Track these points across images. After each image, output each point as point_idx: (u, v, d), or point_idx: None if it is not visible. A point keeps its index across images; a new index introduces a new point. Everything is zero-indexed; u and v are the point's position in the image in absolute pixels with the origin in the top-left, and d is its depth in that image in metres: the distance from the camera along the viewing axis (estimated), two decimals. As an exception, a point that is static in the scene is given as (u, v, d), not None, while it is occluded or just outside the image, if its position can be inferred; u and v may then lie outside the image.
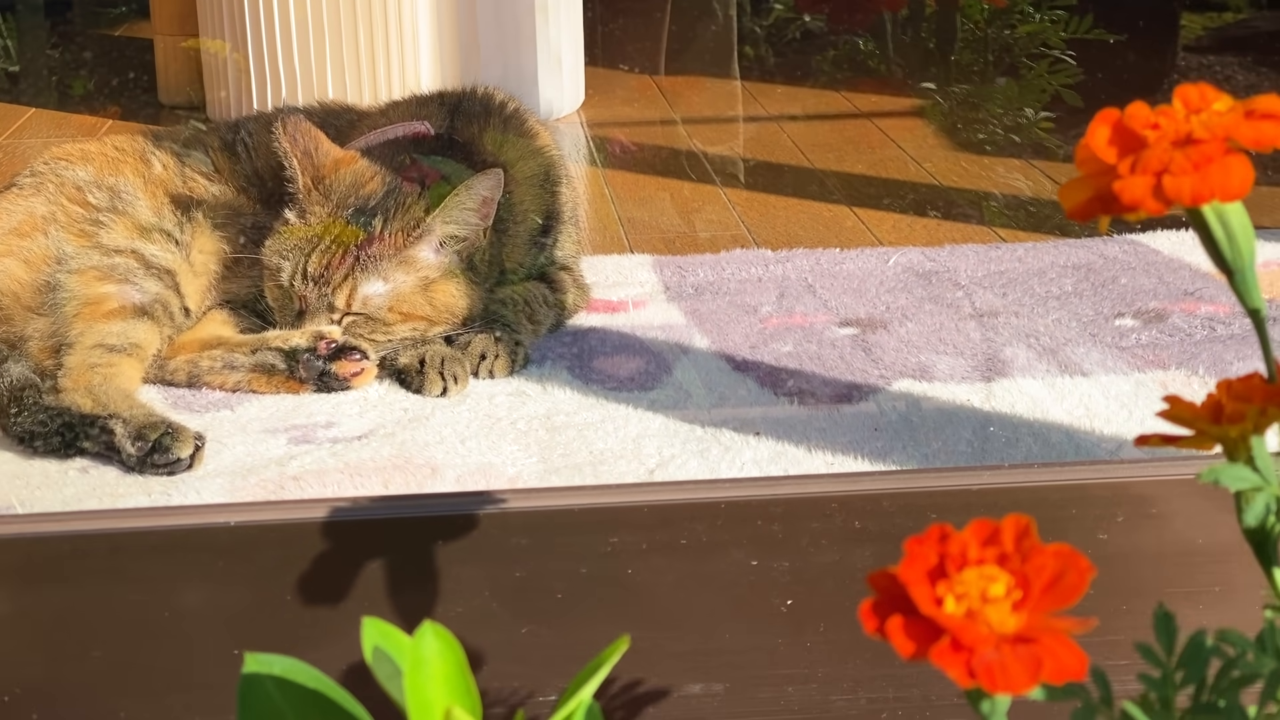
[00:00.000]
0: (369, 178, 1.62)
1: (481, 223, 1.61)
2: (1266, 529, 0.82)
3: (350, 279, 1.58)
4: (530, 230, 1.72)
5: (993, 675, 0.67)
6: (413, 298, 1.59)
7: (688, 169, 2.39)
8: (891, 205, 2.18)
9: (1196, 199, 0.79)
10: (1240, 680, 0.74)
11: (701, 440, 1.46)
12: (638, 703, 1.15)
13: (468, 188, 1.58)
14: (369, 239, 1.58)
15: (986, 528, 0.71)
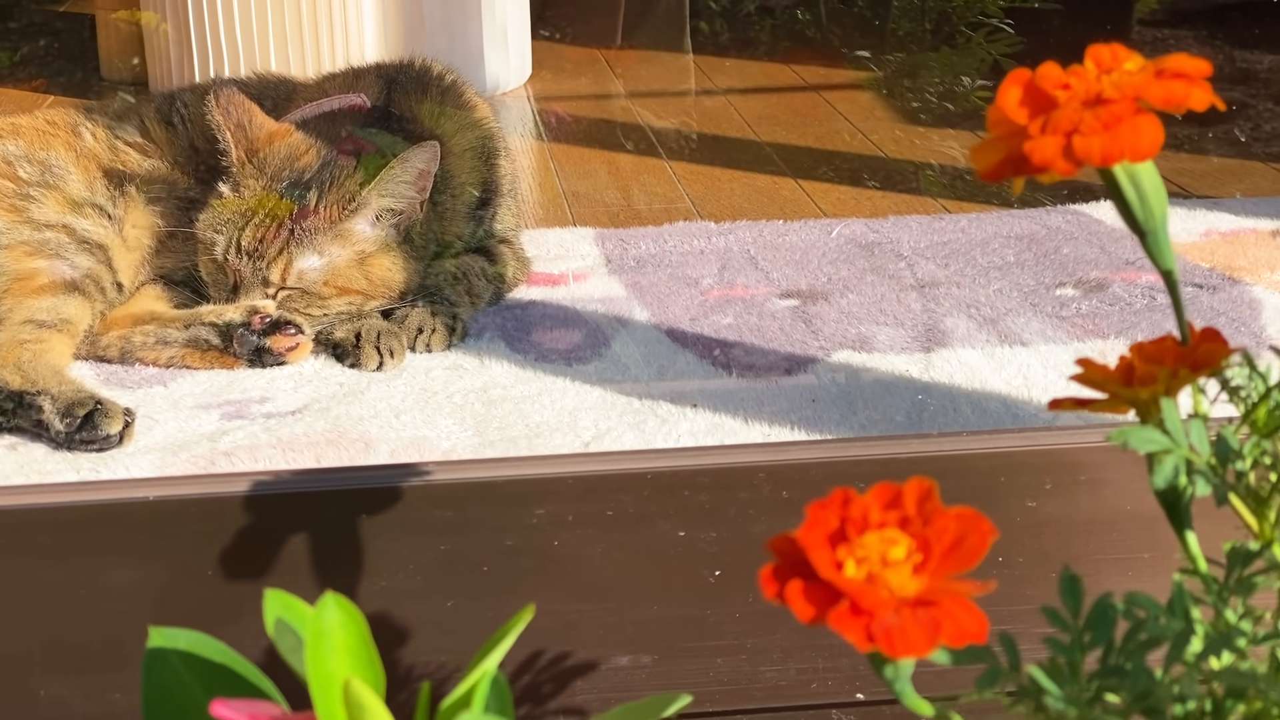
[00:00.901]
0: (304, 151, 1.60)
1: (418, 195, 1.60)
2: (1178, 491, 0.82)
3: (285, 253, 1.56)
4: (468, 203, 1.71)
5: (891, 639, 0.66)
6: (348, 272, 1.58)
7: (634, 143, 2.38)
8: (837, 177, 2.18)
9: (1106, 159, 0.78)
10: (1147, 643, 0.73)
11: (638, 413, 1.45)
12: (566, 675, 1.14)
13: (403, 160, 1.57)
14: (304, 212, 1.56)
15: (889, 491, 0.71)
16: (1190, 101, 0.80)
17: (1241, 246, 1.82)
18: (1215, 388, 0.85)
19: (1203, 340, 0.83)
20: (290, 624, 0.78)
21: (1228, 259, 1.78)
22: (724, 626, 1.16)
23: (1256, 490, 0.80)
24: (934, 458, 1.16)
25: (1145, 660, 0.73)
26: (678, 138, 2.41)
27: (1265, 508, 0.80)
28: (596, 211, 2.04)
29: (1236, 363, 0.83)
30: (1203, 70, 0.80)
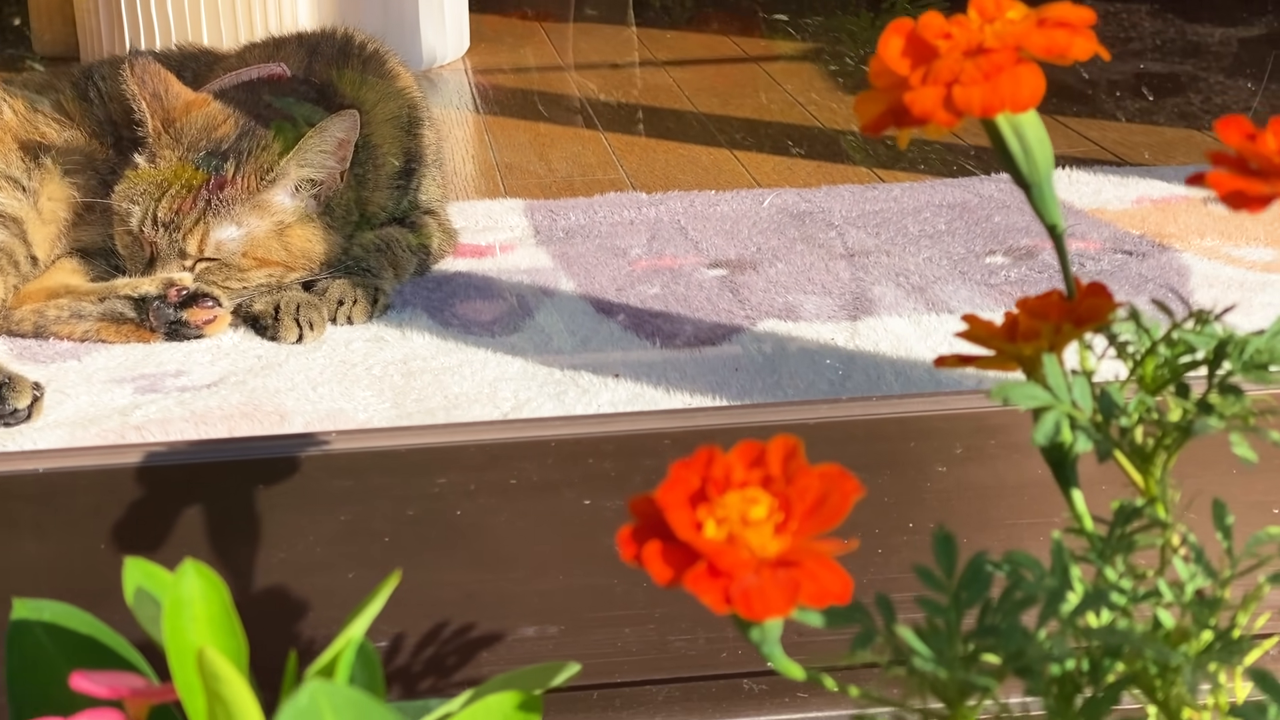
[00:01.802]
0: (221, 120, 1.58)
1: (338, 165, 1.57)
2: (1064, 449, 0.80)
3: (202, 224, 1.53)
4: (390, 173, 1.68)
5: (749, 600, 0.64)
6: (267, 243, 1.56)
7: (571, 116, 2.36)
8: (773, 148, 2.16)
9: (987, 110, 0.77)
10: (1022, 602, 0.72)
11: (560, 383, 1.43)
12: (470, 647, 1.13)
13: (321, 130, 1.54)
14: (220, 183, 1.54)
15: (753, 450, 0.69)
16: (1073, 51, 0.78)
17: (1173, 213, 1.81)
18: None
19: (1087, 295, 0.82)
20: (151, 593, 0.76)
21: (1158, 226, 1.77)
22: (632, 596, 1.14)
23: (1142, 447, 0.79)
24: (844, 423, 1.15)
25: (1020, 620, 0.71)
26: (615, 110, 2.39)
27: (1150, 464, 0.78)
28: (529, 183, 2.02)
29: (1123, 318, 0.82)
30: (1086, 19, 0.78)
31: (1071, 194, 1.90)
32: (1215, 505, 0.76)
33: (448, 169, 2.03)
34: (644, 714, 1.17)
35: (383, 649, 1.13)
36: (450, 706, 0.83)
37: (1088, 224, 1.79)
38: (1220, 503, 0.76)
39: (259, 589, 1.10)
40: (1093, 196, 1.90)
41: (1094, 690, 0.71)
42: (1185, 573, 0.73)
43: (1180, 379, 0.80)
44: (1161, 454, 0.78)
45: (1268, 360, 0.77)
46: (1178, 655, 0.69)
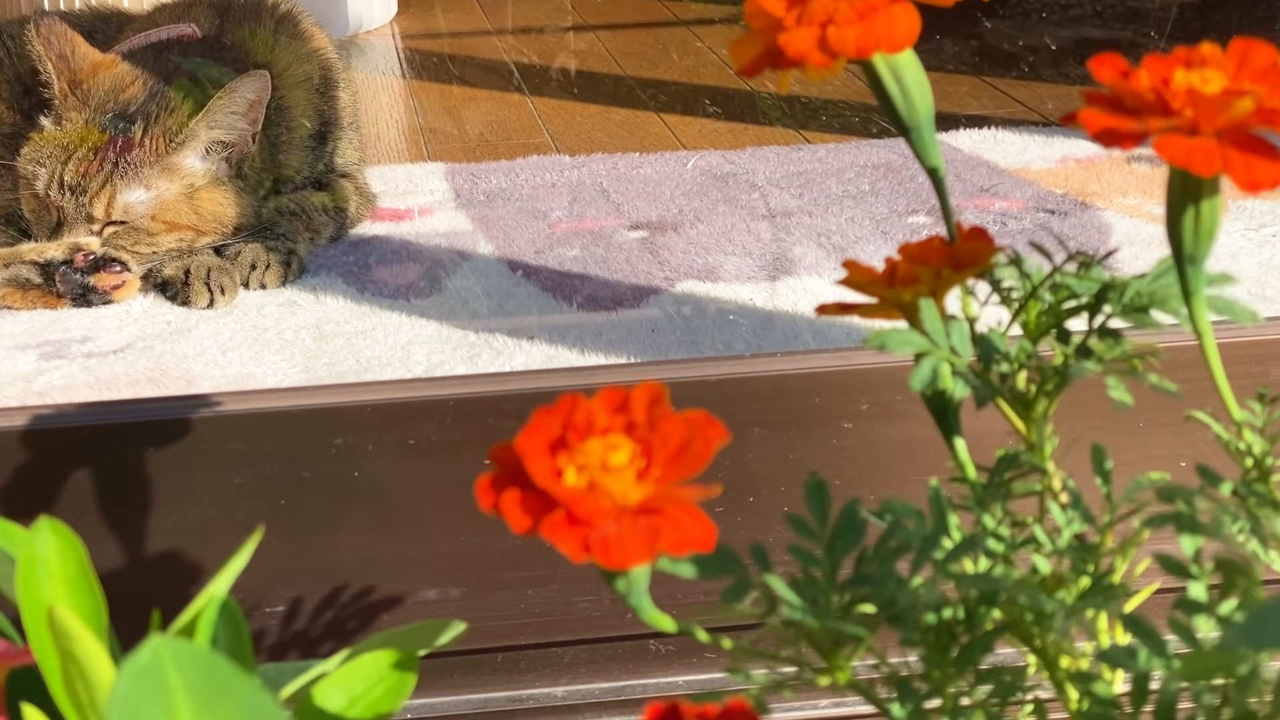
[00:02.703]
0: (129, 82, 1.55)
1: (249, 128, 1.55)
2: (946, 397, 0.79)
3: (109, 187, 1.51)
4: (304, 135, 1.66)
5: (608, 548, 0.62)
6: (177, 206, 1.53)
7: (499, 79, 2.33)
8: (700, 111, 2.14)
9: (862, 50, 0.75)
10: (897, 550, 0.70)
11: (474, 346, 1.42)
12: (370, 610, 1.11)
13: (231, 91, 1.52)
14: (128, 145, 1.51)
15: (617, 396, 0.67)
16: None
17: (1096, 172, 1.80)
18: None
19: (967, 239, 0.80)
20: (7, 551, 0.74)
21: (1081, 184, 1.76)
22: (535, 557, 1.12)
23: (1024, 394, 0.78)
24: (748, 379, 1.13)
25: (895, 568, 0.70)
26: (543, 74, 2.37)
27: (1030, 410, 0.77)
28: (452, 147, 1.99)
29: (1004, 263, 0.80)
30: (962, -42, 0.77)
31: (996, 153, 1.89)
32: (1094, 450, 0.75)
33: (370, 133, 2.00)
34: (549, 676, 1.16)
35: (280, 613, 1.11)
36: (326, 666, 0.81)
37: (1011, 183, 1.78)
38: (1099, 447, 0.75)
39: (151, 554, 1.08)
40: (1017, 156, 1.89)
41: (970, 639, 0.70)
42: (1062, 519, 0.72)
43: (1063, 324, 0.79)
44: (1042, 400, 0.77)
45: (1148, 303, 0.76)
46: (1053, 602, 0.68)
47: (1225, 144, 0.68)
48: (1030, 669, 0.74)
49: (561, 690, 1.15)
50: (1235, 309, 0.76)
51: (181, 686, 0.61)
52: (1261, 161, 0.67)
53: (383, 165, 1.89)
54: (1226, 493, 0.71)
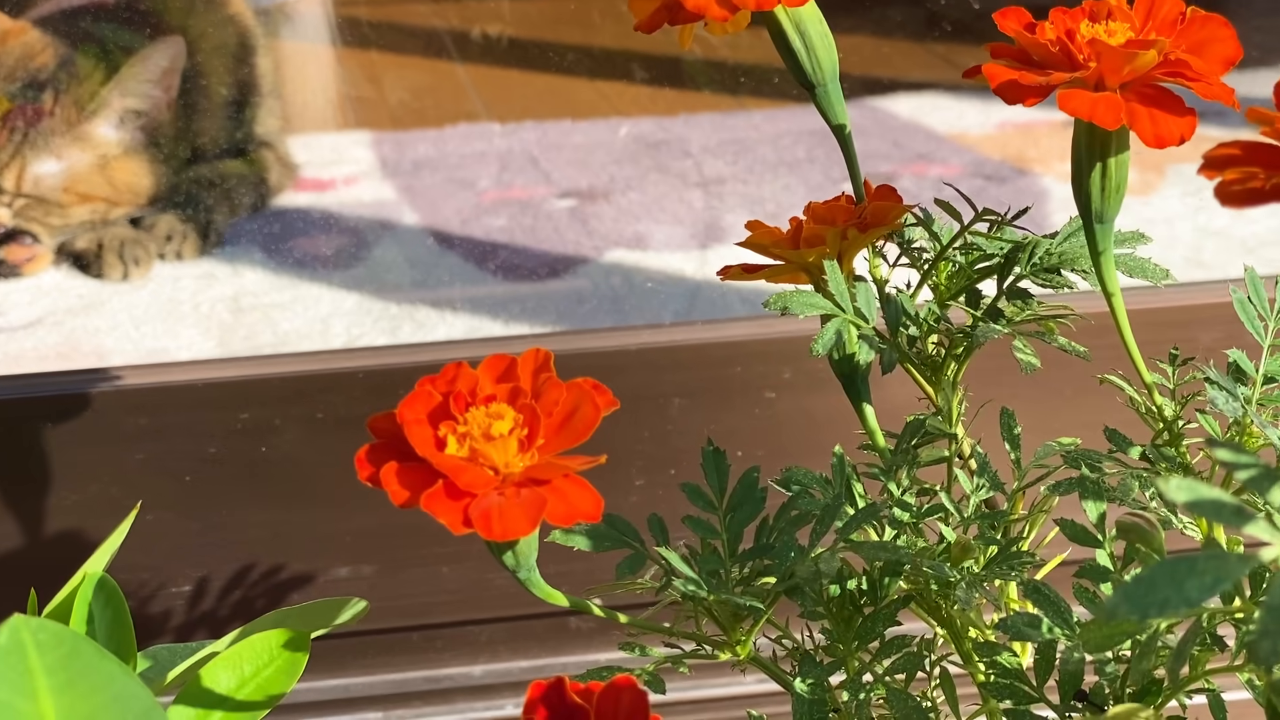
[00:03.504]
0: (39, 50, 1.51)
1: (163, 95, 1.51)
2: (853, 362, 0.76)
3: (19, 158, 1.47)
4: (222, 103, 1.62)
5: (489, 520, 0.60)
6: (90, 177, 1.49)
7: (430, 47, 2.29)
8: (637, 78, 2.11)
9: (761, 2, 0.72)
10: (798, 519, 0.68)
11: (395, 318, 1.39)
12: (280, 589, 1.08)
13: (144, 58, 1.48)
14: (38, 115, 1.47)
15: (501, 363, 0.64)
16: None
17: (1034, 137, 1.78)
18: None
19: (874, 198, 0.78)
20: None
21: (1019, 150, 1.74)
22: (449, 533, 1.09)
23: (933, 357, 0.75)
24: (667, 348, 1.10)
25: (794, 536, 0.68)
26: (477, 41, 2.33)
27: (939, 374, 0.75)
28: (380, 116, 1.95)
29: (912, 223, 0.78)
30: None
31: (934, 119, 1.86)
32: (1003, 414, 0.73)
33: (296, 102, 1.96)
34: (467, 655, 1.13)
35: (187, 593, 1.08)
36: (216, 646, 0.78)
37: (948, 149, 1.76)
38: (1008, 411, 0.73)
39: (50, 533, 1.04)
40: (955, 121, 1.86)
41: (873, 610, 0.68)
42: (969, 486, 0.70)
43: (974, 286, 0.77)
44: (951, 364, 0.75)
45: (1057, 263, 0.74)
46: (956, 571, 0.66)
47: (1130, 97, 0.65)
48: (939, 641, 0.72)
49: (480, 669, 1.13)
50: (1147, 268, 0.74)
51: (42, 668, 0.58)
52: (1167, 116, 0.65)
53: (308, 134, 1.85)
54: (1136, 457, 0.69)
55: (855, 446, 1.14)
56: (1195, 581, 0.45)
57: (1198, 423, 0.71)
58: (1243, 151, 0.56)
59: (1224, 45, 0.67)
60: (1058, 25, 0.68)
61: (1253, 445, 0.69)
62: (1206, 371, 0.67)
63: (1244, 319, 0.71)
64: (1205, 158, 0.57)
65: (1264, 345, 0.71)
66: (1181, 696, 0.65)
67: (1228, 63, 0.67)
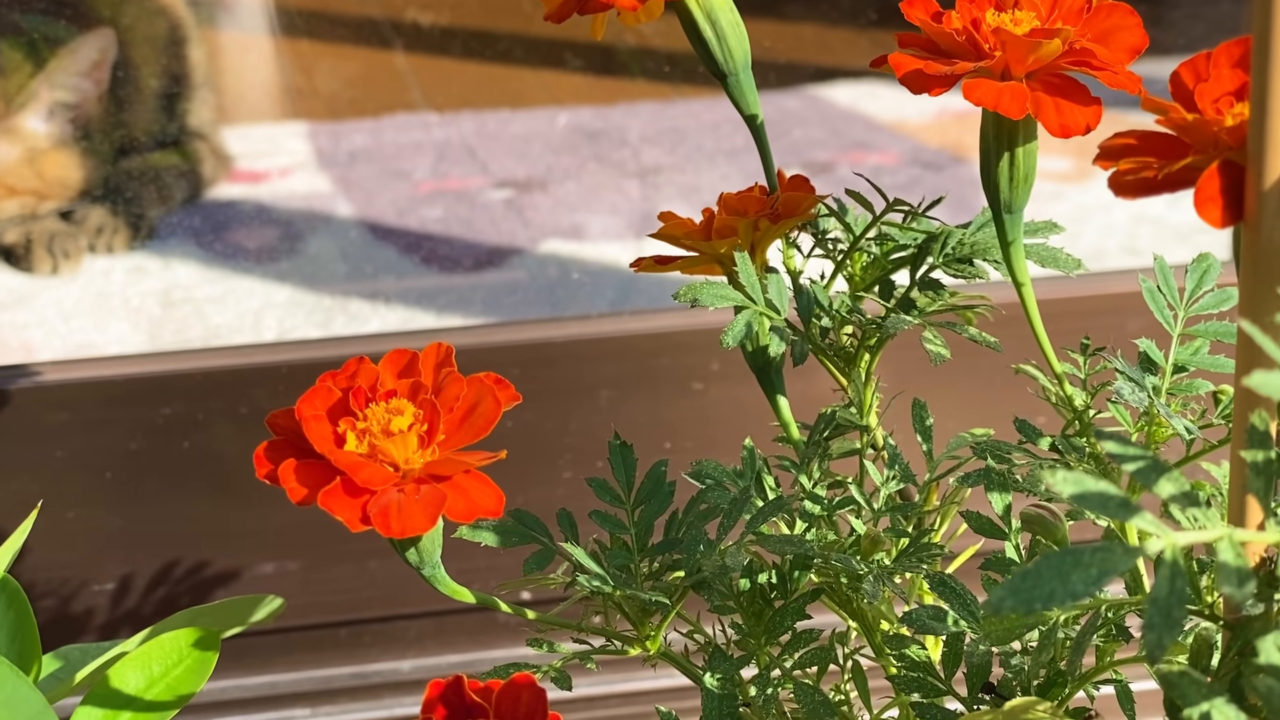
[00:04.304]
0: (-34, 42, 1.49)
1: (94, 88, 1.49)
2: (767, 354, 0.76)
3: (-55, 152, 1.45)
4: (153, 95, 1.60)
5: (387, 517, 0.59)
6: (19, 170, 1.47)
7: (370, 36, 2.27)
8: (577, 66, 2.10)
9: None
10: (706, 513, 0.67)
11: (327, 311, 1.38)
12: (205, 586, 1.07)
13: (73, 50, 1.46)
14: (-36, 108, 1.45)
15: (403, 358, 0.64)
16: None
17: (972, 126, 1.77)
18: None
19: (787, 189, 0.77)
20: None
21: (957, 138, 1.74)
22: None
23: (846, 349, 0.75)
24: (594, 340, 1.10)
25: (703, 530, 0.67)
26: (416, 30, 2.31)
27: (853, 366, 0.74)
28: (318, 106, 1.94)
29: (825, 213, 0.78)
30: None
31: (874, 107, 1.86)
32: (914, 405, 0.73)
33: (233, 93, 1.94)
34: (395, 650, 1.12)
35: (110, 591, 1.06)
36: (127, 645, 0.77)
37: (886, 137, 1.76)
38: (920, 403, 0.73)
39: (-32, 531, 1.03)
40: (894, 109, 1.86)
41: (783, 604, 0.68)
42: (878, 478, 0.69)
43: (888, 277, 0.76)
44: (864, 355, 0.74)
45: (970, 254, 0.74)
46: (864, 564, 0.66)
47: (1036, 87, 0.65)
48: (852, 633, 0.72)
49: (408, 665, 1.12)
50: (1059, 258, 0.74)
51: (-72, 673, 0.57)
52: (1072, 105, 0.64)
53: (243, 125, 1.83)
54: (1045, 448, 0.69)
55: (783, 436, 1.13)
56: (1080, 575, 0.45)
57: (1110, 412, 0.70)
58: (1138, 141, 0.56)
59: (1130, 34, 0.67)
60: (964, 14, 0.67)
61: (1162, 435, 0.69)
62: (1113, 362, 0.67)
63: (1153, 308, 0.71)
64: (1101, 148, 0.57)
65: (1174, 334, 0.71)
66: (1089, 687, 0.65)
67: (1133, 51, 0.67)
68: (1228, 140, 0.53)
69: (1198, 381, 0.70)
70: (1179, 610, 0.44)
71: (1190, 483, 0.68)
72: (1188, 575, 0.57)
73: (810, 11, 2.15)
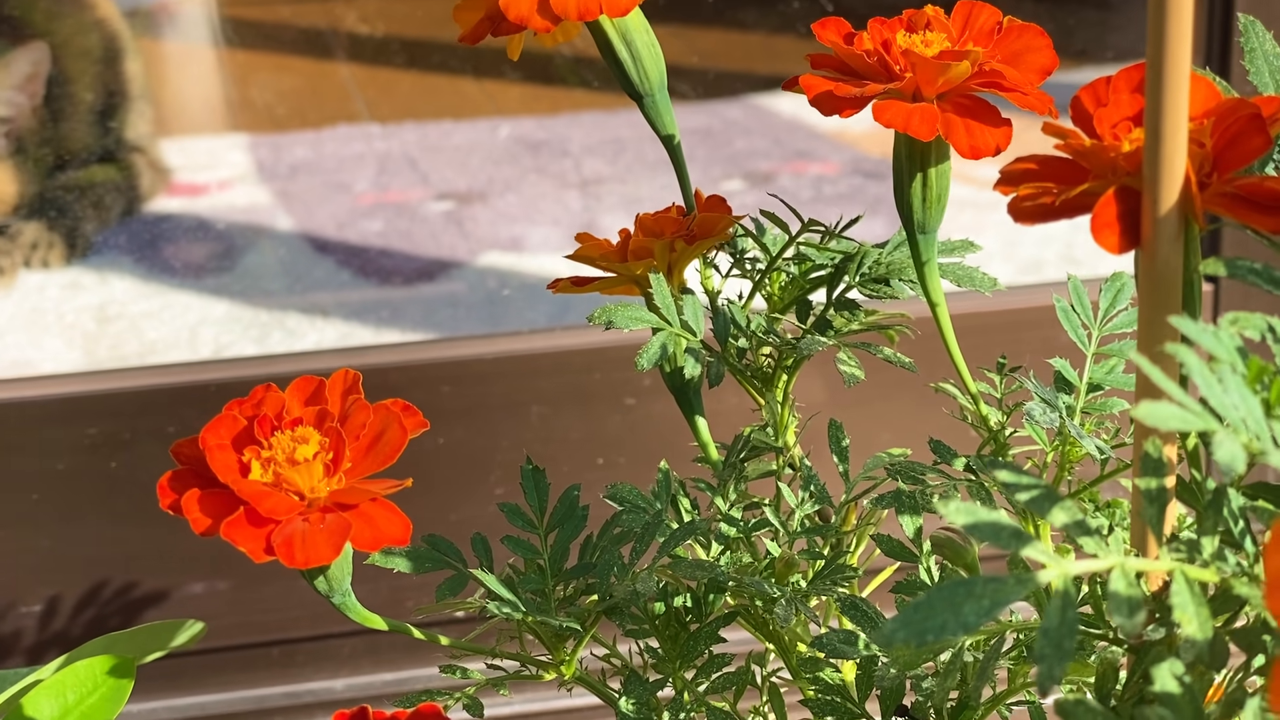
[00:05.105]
0: (-103, 56, 1.48)
1: (28, 101, 1.48)
2: (686, 376, 0.76)
3: (-123, 167, 1.43)
4: (89, 108, 1.59)
5: (291, 547, 0.59)
6: (-48, 186, 1.46)
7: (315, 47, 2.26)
8: (519, 75, 2.09)
9: (584, 13, 0.72)
10: (620, 537, 0.67)
11: (265, 326, 1.37)
12: (134, 607, 1.06)
13: (6, 64, 1.45)
14: (-104, 123, 1.44)
15: (310, 385, 0.63)
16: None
17: (913, 134, 1.79)
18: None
19: (705, 208, 0.77)
20: None
21: (897, 147, 1.75)
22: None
23: (763, 369, 0.75)
24: (525, 356, 1.09)
25: (618, 554, 0.67)
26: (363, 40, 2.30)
27: (771, 387, 0.74)
28: (260, 118, 1.93)
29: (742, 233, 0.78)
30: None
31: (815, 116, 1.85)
32: (831, 426, 0.73)
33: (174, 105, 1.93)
34: (329, 669, 1.11)
35: (38, 613, 1.05)
36: (42, 672, 0.76)
37: (828, 147, 1.76)
38: (836, 423, 0.73)
39: (-109, 555, 1.02)
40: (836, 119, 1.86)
41: (698, 627, 0.67)
42: (793, 500, 0.69)
43: (807, 297, 0.76)
44: (782, 376, 0.74)
45: (886, 273, 0.74)
46: (776, 587, 0.65)
47: (947, 108, 0.65)
48: (769, 655, 0.72)
49: (341, 684, 1.11)
50: (976, 277, 0.74)
51: None
52: (982, 126, 0.64)
53: (184, 137, 1.82)
54: (960, 468, 0.69)
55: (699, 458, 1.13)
56: (973, 606, 0.45)
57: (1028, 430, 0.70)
58: (1039, 166, 0.56)
59: (1040, 54, 0.67)
60: (874, 36, 0.67)
61: (1076, 455, 0.69)
62: (1025, 382, 0.67)
63: (1067, 327, 0.71)
64: (1001, 173, 0.57)
65: (1088, 353, 0.71)
66: (1003, 709, 0.65)
67: (1044, 71, 0.67)
68: (1125, 166, 0.53)
69: (1112, 400, 0.70)
70: (1069, 641, 0.44)
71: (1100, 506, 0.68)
72: (1093, 598, 0.57)
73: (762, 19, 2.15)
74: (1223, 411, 0.45)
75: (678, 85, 1.99)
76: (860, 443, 1.11)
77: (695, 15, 2.30)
